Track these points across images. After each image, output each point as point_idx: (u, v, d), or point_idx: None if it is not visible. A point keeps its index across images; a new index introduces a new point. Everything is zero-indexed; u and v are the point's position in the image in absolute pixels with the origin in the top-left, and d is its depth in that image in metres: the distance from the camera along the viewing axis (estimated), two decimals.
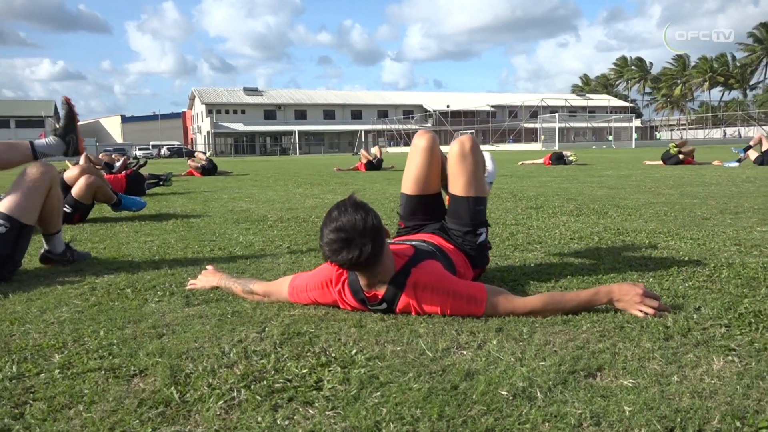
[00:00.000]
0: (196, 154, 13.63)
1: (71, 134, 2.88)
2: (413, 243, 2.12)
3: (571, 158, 13.17)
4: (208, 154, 14.35)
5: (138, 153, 45.58)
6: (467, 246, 2.31)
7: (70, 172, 4.90)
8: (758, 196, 5.55)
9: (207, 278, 2.43)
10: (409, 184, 2.43)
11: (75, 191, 4.79)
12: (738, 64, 75.71)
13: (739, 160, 11.24)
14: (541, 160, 14.00)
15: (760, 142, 11.06)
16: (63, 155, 2.92)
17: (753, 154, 11.07)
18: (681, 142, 12.56)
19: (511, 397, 1.33)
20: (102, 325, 1.94)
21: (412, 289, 1.88)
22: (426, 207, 2.45)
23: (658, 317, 1.85)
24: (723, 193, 5.95)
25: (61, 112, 2.94)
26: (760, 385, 1.35)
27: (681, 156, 11.86)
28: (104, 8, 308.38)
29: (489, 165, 2.72)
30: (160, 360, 1.60)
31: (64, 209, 4.65)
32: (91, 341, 1.78)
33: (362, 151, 14.14)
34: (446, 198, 2.49)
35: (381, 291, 1.91)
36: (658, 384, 1.38)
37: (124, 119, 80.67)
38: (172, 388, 1.41)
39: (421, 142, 2.38)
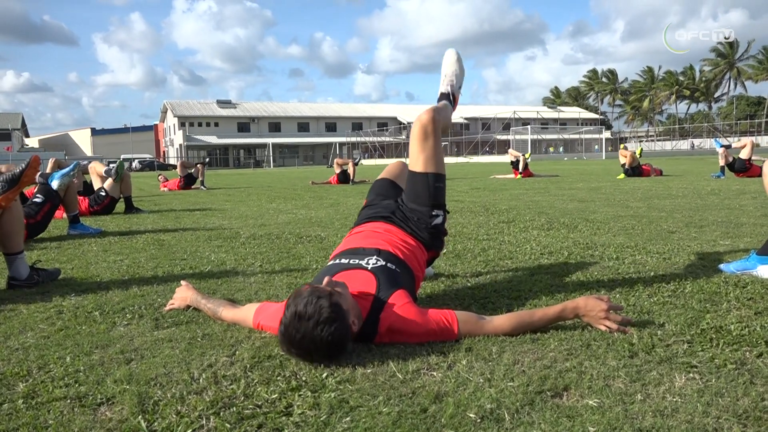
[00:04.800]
0: (181, 163, 13.49)
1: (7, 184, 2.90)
2: (371, 268, 2.06)
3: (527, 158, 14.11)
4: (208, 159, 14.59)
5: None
6: (422, 225, 2.32)
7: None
8: (722, 208, 5.70)
9: (182, 295, 2.40)
10: (381, 174, 2.76)
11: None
12: (703, 78, 77.81)
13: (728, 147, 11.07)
14: (512, 174, 14.24)
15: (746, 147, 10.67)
16: None
17: (738, 152, 10.70)
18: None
19: (479, 420, 1.34)
20: (68, 350, 1.91)
21: (385, 333, 1.88)
22: (390, 188, 2.66)
23: (621, 332, 1.90)
24: (689, 205, 6.10)
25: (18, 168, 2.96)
26: (719, 403, 1.40)
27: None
28: (70, 19, 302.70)
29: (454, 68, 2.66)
30: (127, 387, 1.58)
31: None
32: (57, 368, 1.75)
33: (336, 159, 14.16)
34: None
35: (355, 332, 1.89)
36: (622, 403, 1.41)
37: (94, 132, 79.36)
38: (140, 416, 1.40)
39: (397, 162, 2.84)
